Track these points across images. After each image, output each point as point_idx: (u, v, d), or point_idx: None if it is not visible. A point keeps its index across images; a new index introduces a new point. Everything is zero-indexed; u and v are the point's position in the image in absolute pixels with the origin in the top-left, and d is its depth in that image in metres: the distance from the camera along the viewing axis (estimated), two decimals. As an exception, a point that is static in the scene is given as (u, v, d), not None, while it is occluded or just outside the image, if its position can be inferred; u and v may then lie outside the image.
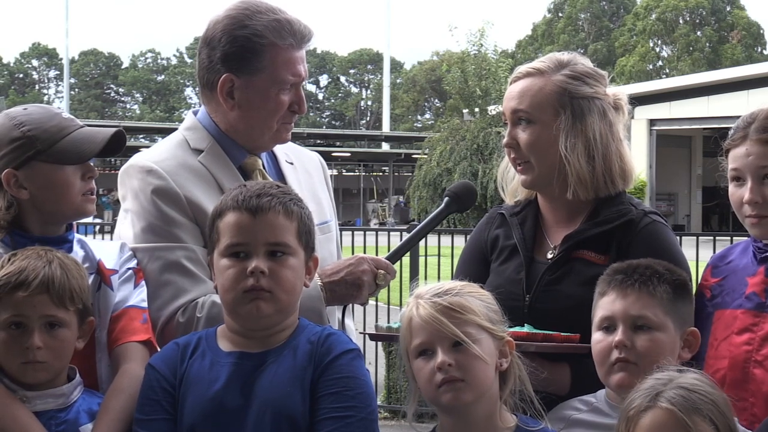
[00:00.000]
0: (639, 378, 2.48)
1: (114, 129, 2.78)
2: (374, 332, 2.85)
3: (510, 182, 3.10)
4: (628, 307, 2.55)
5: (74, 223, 2.85)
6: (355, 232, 9.74)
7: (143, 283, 2.81)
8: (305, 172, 3.25)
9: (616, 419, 2.52)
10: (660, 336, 2.54)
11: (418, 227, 3.14)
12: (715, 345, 2.74)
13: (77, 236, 2.82)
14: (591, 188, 2.91)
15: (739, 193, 2.73)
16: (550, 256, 2.95)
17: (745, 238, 2.91)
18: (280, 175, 3.14)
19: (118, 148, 2.80)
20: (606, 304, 2.58)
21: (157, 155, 2.98)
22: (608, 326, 2.57)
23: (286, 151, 3.23)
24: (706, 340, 2.76)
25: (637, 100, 31.18)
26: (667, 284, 2.58)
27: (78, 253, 2.76)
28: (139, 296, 2.77)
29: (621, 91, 3.04)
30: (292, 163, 3.22)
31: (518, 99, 2.94)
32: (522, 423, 2.49)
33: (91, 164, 2.76)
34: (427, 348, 2.44)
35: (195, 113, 3.12)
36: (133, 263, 2.82)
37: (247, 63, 2.93)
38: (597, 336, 2.59)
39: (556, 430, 2.57)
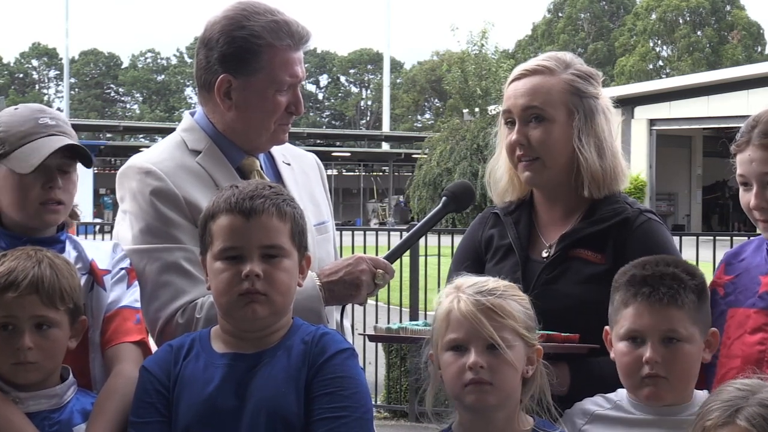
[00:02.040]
0: (669, 390, 2.49)
1: (66, 143, 2.69)
2: (373, 333, 2.84)
3: (497, 182, 3.07)
4: (657, 322, 2.50)
5: (73, 222, 2.83)
6: (355, 232, 9.74)
7: (136, 283, 2.80)
8: (302, 172, 3.24)
9: (638, 416, 2.54)
10: (689, 347, 2.51)
11: (416, 227, 3.13)
12: (728, 344, 2.72)
13: (70, 236, 2.81)
14: (603, 186, 2.91)
15: (748, 197, 2.72)
16: (545, 255, 2.94)
17: (745, 238, 2.91)
18: (278, 176, 3.14)
19: (84, 160, 2.75)
20: (633, 317, 2.52)
21: (155, 156, 2.98)
22: (635, 338, 2.52)
23: (283, 151, 3.22)
24: (719, 338, 2.74)
25: (637, 100, 31.40)
26: (692, 292, 2.53)
27: (70, 253, 2.75)
28: (132, 296, 2.76)
29: (605, 93, 3.05)
30: (289, 164, 3.21)
31: (530, 96, 2.91)
32: (538, 426, 2.49)
33: (55, 174, 2.69)
34: (461, 344, 2.42)
35: (192, 114, 3.12)
36: (126, 263, 2.80)
37: (244, 64, 2.92)
38: (623, 347, 2.54)
39: (580, 422, 2.57)
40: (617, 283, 2.60)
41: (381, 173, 55.72)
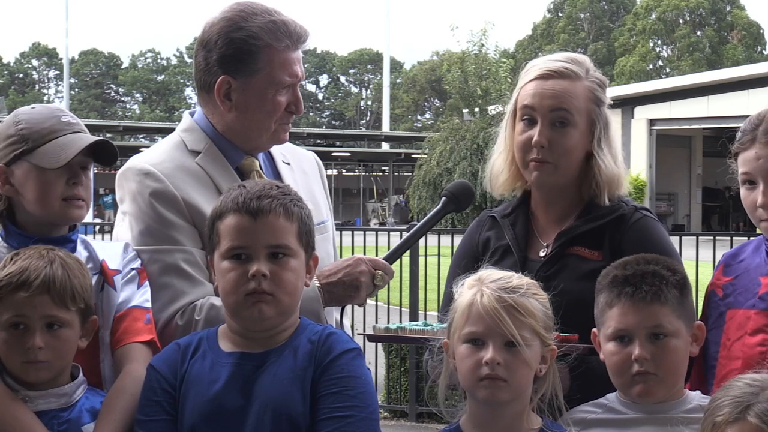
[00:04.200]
0: (659, 386, 2.51)
1: (96, 138, 2.75)
2: (372, 333, 2.85)
3: (497, 176, 3.06)
4: (643, 320, 2.52)
5: (78, 223, 2.84)
6: (355, 232, 9.74)
7: (147, 283, 2.81)
8: (302, 171, 3.25)
9: (630, 415, 2.56)
10: (675, 342, 2.54)
11: (416, 228, 3.14)
12: (728, 345, 2.73)
13: (81, 236, 2.82)
14: (612, 192, 2.96)
15: (752, 197, 2.71)
16: (542, 254, 2.96)
17: (745, 238, 2.90)
18: (277, 176, 3.14)
19: (106, 158, 2.77)
20: (618, 317, 2.55)
21: (154, 157, 2.98)
22: (622, 337, 2.55)
23: (282, 151, 3.23)
24: (718, 339, 2.75)
25: (637, 100, 31.40)
26: (674, 288, 2.56)
27: (81, 253, 2.76)
28: (142, 297, 2.77)
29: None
30: (288, 164, 3.22)
31: (559, 99, 2.89)
32: (546, 426, 2.50)
33: (79, 170, 2.72)
34: (479, 338, 2.43)
35: (192, 114, 3.12)
36: (137, 263, 2.82)
37: (243, 65, 2.93)
38: (611, 347, 2.57)
39: (574, 430, 2.57)
40: (600, 285, 2.63)
41: (381, 173, 55.71)
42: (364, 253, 3.00)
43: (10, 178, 2.70)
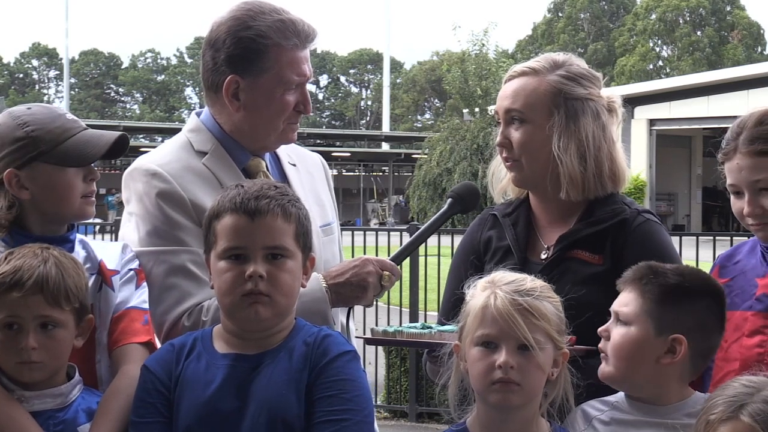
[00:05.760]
0: (618, 369, 2.53)
1: (118, 133, 2.78)
2: (370, 336, 2.84)
3: (499, 181, 3.10)
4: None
5: (76, 223, 2.85)
6: (355, 232, 9.75)
7: (145, 284, 2.80)
8: (307, 173, 3.24)
9: (635, 416, 2.55)
10: (633, 331, 2.51)
11: (422, 229, 3.12)
12: (725, 347, 2.71)
13: (79, 236, 2.81)
14: (581, 189, 2.92)
15: (740, 205, 2.71)
16: (543, 256, 2.95)
17: (745, 238, 2.90)
18: (283, 177, 3.14)
19: (120, 151, 2.80)
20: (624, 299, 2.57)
21: (161, 158, 2.97)
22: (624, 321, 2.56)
23: (288, 152, 3.22)
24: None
25: (637, 100, 31.33)
26: (659, 286, 2.52)
27: (79, 253, 2.75)
28: (140, 297, 2.76)
29: (615, 94, 3.04)
30: (294, 165, 3.21)
31: (512, 98, 2.94)
32: (555, 431, 2.49)
33: (93, 167, 2.76)
34: (492, 341, 2.40)
35: (198, 114, 3.11)
36: (134, 264, 2.81)
37: (251, 64, 2.92)
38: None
39: (581, 427, 2.56)
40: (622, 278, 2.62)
41: (381, 173, 55.71)
42: (365, 253, 2.99)
43: (25, 182, 2.67)
